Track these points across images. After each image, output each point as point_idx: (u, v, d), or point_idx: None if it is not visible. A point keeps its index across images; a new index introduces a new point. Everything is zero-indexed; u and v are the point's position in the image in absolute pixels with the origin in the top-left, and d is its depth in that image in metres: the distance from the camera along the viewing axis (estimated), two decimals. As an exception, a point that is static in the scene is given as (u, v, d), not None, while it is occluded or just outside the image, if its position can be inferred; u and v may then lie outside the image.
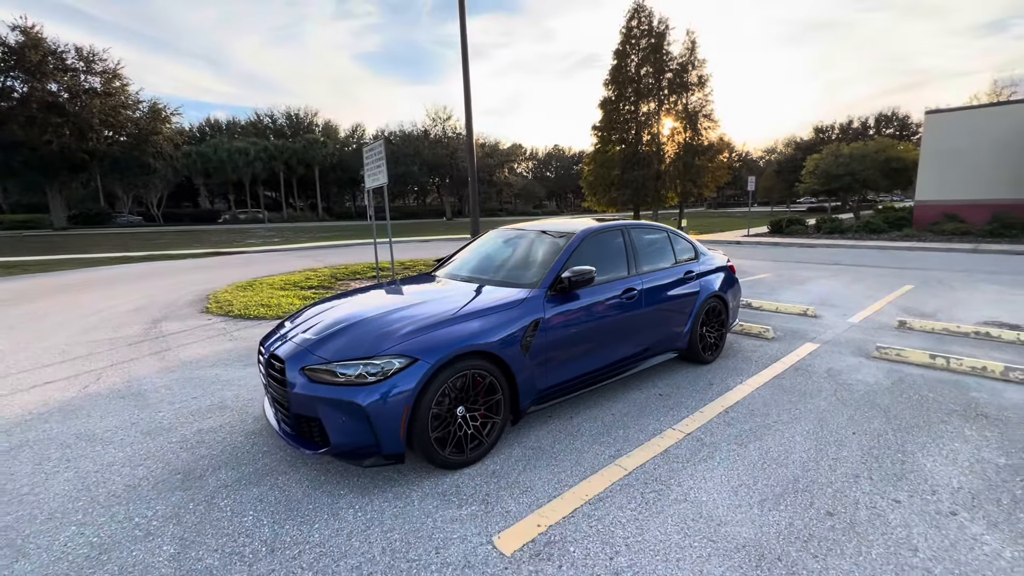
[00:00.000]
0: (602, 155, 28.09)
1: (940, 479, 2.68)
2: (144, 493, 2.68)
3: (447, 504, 2.52)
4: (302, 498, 2.60)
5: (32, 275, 12.70)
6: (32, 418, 3.70)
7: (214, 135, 58.92)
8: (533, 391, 3.19)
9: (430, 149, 53.22)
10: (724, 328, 4.85)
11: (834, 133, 58.71)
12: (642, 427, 3.37)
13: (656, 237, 4.51)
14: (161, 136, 35.56)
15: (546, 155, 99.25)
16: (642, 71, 26.87)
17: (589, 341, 3.54)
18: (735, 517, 2.37)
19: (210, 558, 2.15)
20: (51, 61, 30.42)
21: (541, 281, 3.41)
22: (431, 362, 2.64)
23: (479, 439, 2.91)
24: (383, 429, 2.53)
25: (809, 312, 6.75)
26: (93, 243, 24.28)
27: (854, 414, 3.53)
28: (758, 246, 18.50)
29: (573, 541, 2.22)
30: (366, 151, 10.66)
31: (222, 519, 2.43)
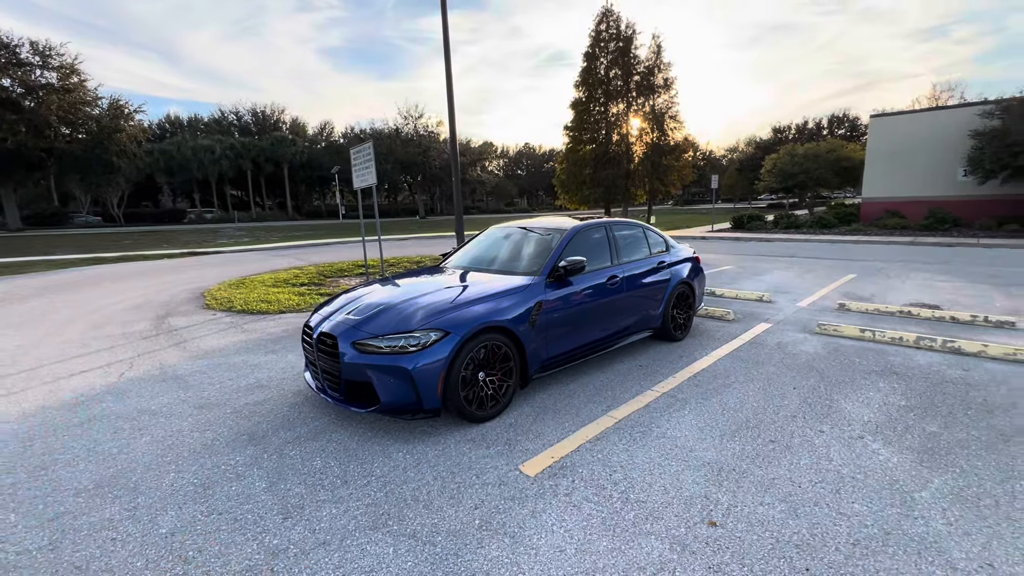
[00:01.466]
0: (574, 154, 28.97)
1: (855, 416, 3.48)
2: (220, 449, 3.20)
3: (477, 446, 3.15)
4: (356, 447, 3.18)
5: (8, 276, 12.55)
6: (86, 399, 4.13)
7: (175, 132, 57.17)
8: (538, 360, 3.85)
9: (402, 147, 53.17)
10: (691, 311, 5.63)
11: (791, 133, 61.69)
12: (626, 389, 4.08)
13: (633, 232, 5.23)
14: (124, 134, 34.51)
15: (517, 153, 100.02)
16: (611, 73, 27.85)
17: (581, 319, 4.22)
18: (702, 446, 3.09)
19: (298, 488, 2.72)
20: (3, 55, 29.15)
21: (541, 269, 4.07)
22: (460, 334, 3.26)
23: (497, 399, 3.56)
24: (424, 389, 3.14)
25: (765, 298, 7.64)
26: (55, 244, 23.57)
27: (796, 375, 4.34)
28: (722, 241, 19.70)
29: (581, 465, 2.89)
30: (354, 152, 11.09)
31: (295, 464, 2.99)
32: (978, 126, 17.74)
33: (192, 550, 2.24)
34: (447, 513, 2.47)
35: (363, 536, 2.32)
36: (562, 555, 2.17)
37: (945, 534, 2.26)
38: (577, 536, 2.29)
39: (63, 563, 2.18)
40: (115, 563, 2.18)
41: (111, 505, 2.61)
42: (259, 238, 27.10)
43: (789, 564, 2.09)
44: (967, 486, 2.63)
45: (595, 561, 2.13)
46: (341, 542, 2.28)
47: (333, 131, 70.03)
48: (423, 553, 2.20)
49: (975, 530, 2.28)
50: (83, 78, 32.68)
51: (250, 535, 2.34)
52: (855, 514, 2.41)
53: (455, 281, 4.08)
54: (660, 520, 2.39)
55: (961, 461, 2.88)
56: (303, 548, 2.24)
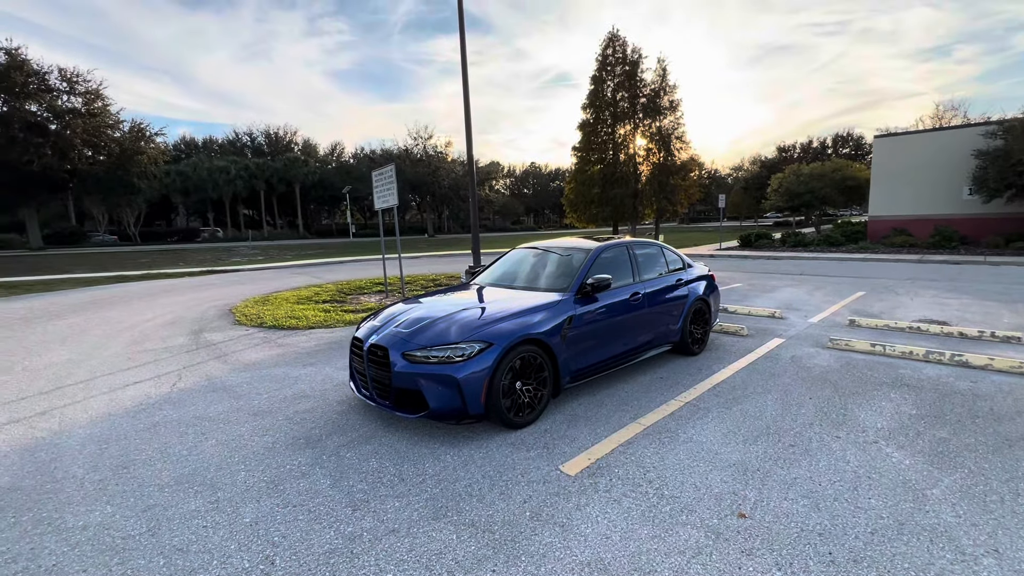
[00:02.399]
0: (582, 174, 29.54)
1: (869, 424, 3.72)
2: (281, 451, 3.49)
3: (518, 449, 3.42)
4: (407, 450, 3.46)
5: (38, 295, 13.02)
6: (146, 407, 4.44)
7: (191, 153, 58.66)
8: (569, 371, 4.13)
9: (411, 167, 54.19)
10: (708, 326, 5.90)
11: (795, 152, 62.30)
12: (651, 399, 4.34)
13: (652, 251, 5.54)
14: (145, 156, 35.60)
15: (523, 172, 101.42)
16: (618, 96, 28.57)
17: (607, 333, 4.51)
18: (727, 449, 3.34)
19: (361, 484, 3.00)
20: (33, 82, 30.40)
21: (571, 286, 4.38)
22: (502, 346, 3.56)
23: (533, 406, 3.83)
24: (470, 395, 3.43)
25: (776, 314, 7.89)
26: (76, 263, 24.21)
27: (811, 387, 4.58)
28: (730, 259, 19.97)
29: (617, 465, 3.15)
30: (376, 174, 11.56)
31: (353, 464, 3.27)
32: (981, 146, 18.06)
33: (277, 535, 2.52)
34: (499, 506, 2.74)
35: (427, 525, 2.58)
36: (608, 541, 2.43)
37: (954, 524, 2.50)
38: (620, 526, 2.54)
39: (165, 546, 2.46)
40: (211, 546, 2.45)
41: (195, 499, 2.89)
42: (273, 256, 27.69)
43: (814, 549, 2.33)
44: (975, 484, 2.86)
45: (639, 546, 2.38)
46: (408, 530, 2.55)
47: (343, 152, 71.63)
48: (484, 539, 2.46)
49: (982, 521, 2.52)
50: (107, 103, 33.92)
51: (325, 524, 2.61)
52: (871, 508, 2.65)
53: (491, 297, 4.40)
54: (694, 512, 2.64)
55: (969, 463, 3.11)
56: (375, 535, 2.51)
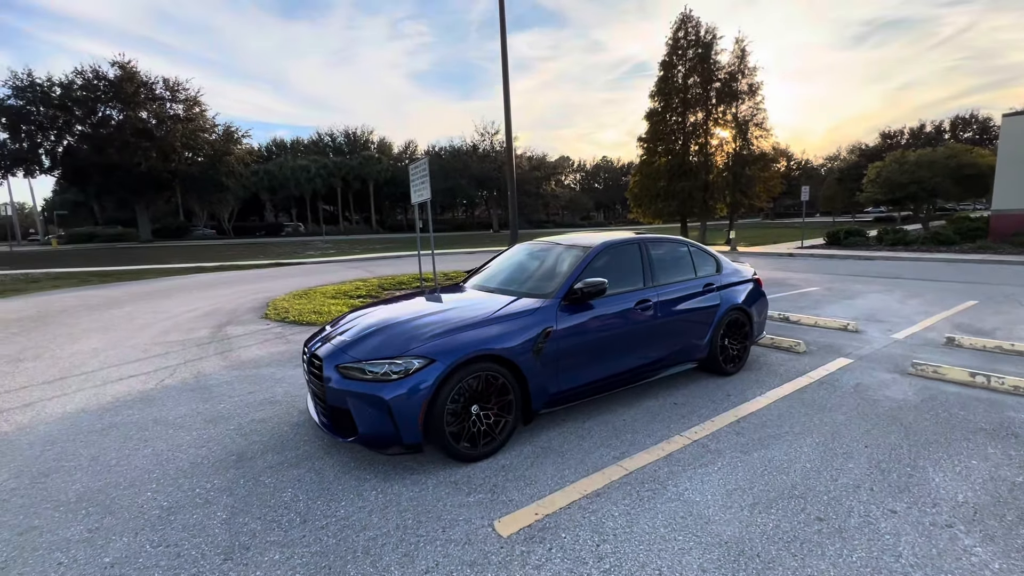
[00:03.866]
0: (648, 166, 27.88)
1: (944, 493, 2.67)
2: (205, 470, 3.13)
3: (457, 491, 2.80)
4: (333, 480, 2.96)
5: (125, 283, 14.26)
6: (119, 405, 4.33)
7: (280, 154, 63.26)
8: (545, 394, 3.43)
9: (478, 163, 54.61)
10: (748, 340, 4.88)
11: (903, 138, 55.07)
12: (651, 432, 3.52)
13: (674, 251, 4.64)
14: (233, 156, 38.78)
15: (594, 167, 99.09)
16: (689, 81, 26.55)
17: (603, 349, 3.73)
18: (723, 517, 2.50)
19: (254, 524, 2.54)
20: (143, 92, 34.09)
21: (555, 292, 3.66)
22: (447, 363, 2.94)
23: (492, 435, 3.18)
24: (403, 421, 2.86)
25: (850, 327, 6.55)
26: (172, 254, 26.71)
27: (871, 428, 3.51)
28: (812, 258, 17.75)
29: (566, 528, 2.43)
30: (412, 168, 11.31)
31: (266, 493, 2.82)
32: None
33: (121, 587, 2.11)
34: (392, 575, 2.14)
35: (293, 593, 2.05)
36: (504, 654, 1.75)
37: None
38: (531, 628, 1.85)
39: (3, 586, 2.14)
40: (46, 593, 2.09)
41: (78, 524, 2.58)
42: (342, 250, 28.90)
43: None
44: (1111, 623, 1.83)
45: (541, 670, 1.69)
46: (267, 598, 2.03)
47: (416, 149, 73.82)
48: (346, 626, 1.88)
49: None
50: (203, 108, 37.31)
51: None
52: (922, 647, 1.74)
53: (461, 302, 3.79)
54: (642, 619, 1.89)
55: (1104, 579, 2.04)
56: (226, 600, 2.02)
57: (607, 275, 4.01)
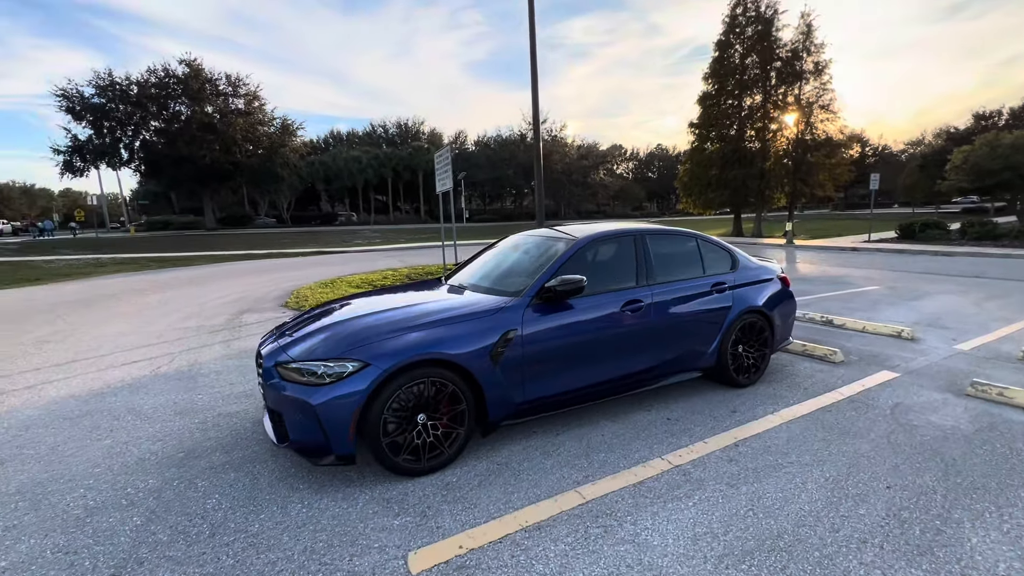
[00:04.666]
0: (699, 154, 26.39)
1: (981, 560, 2.09)
2: (148, 467, 3.03)
3: (387, 511, 2.51)
4: (266, 487, 2.76)
5: (178, 268, 15.12)
6: (107, 391, 4.39)
7: (336, 145, 65.48)
8: (508, 405, 3.07)
9: (525, 153, 53.99)
10: (767, 348, 4.27)
11: (1001, 119, 49.05)
12: (628, 452, 3.08)
13: (680, 245, 4.10)
14: (288, 148, 40.48)
15: (648, 155, 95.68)
16: (747, 61, 24.74)
17: (580, 355, 3.32)
18: (679, 570, 2.06)
19: (163, 533, 2.37)
20: (208, 88, 36.16)
21: (526, 290, 3.27)
22: (383, 368, 2.65)
23: (440, 449, 2.87)
24: (332, 430, 2.60)
25: (905, 334, 5.69)
26: (231, 242, 28.24)
27: (901, 463, 2.90)
28: (878, 254, 16.09)
29: (486, 570, 2.09)
30: (437, 157, 11.13)
31: (192, 499, 2.66)
32: None
33: (-2, 599, 1.99)
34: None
35: (159, 625, 1.84)
36: None
37: None
38: None
39: None
40: (-74, 598, 2.00)
41: (1, 519, 2.52)
42: (388, 239, 29.47)
43: None
44: None
45: None
46: (131, 628, 1.83)
47: (466, 140, 74.12)
48: (192, 675, 1.64)
49: None
50: (262, 102, 39.09)
51: (63, 591, 2.02)
52: None
53: (420, 299, 3.49)
54: None
55: None
56: (89, 626, 1.84)
57: (593, 272, 3.59)
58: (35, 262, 17.53)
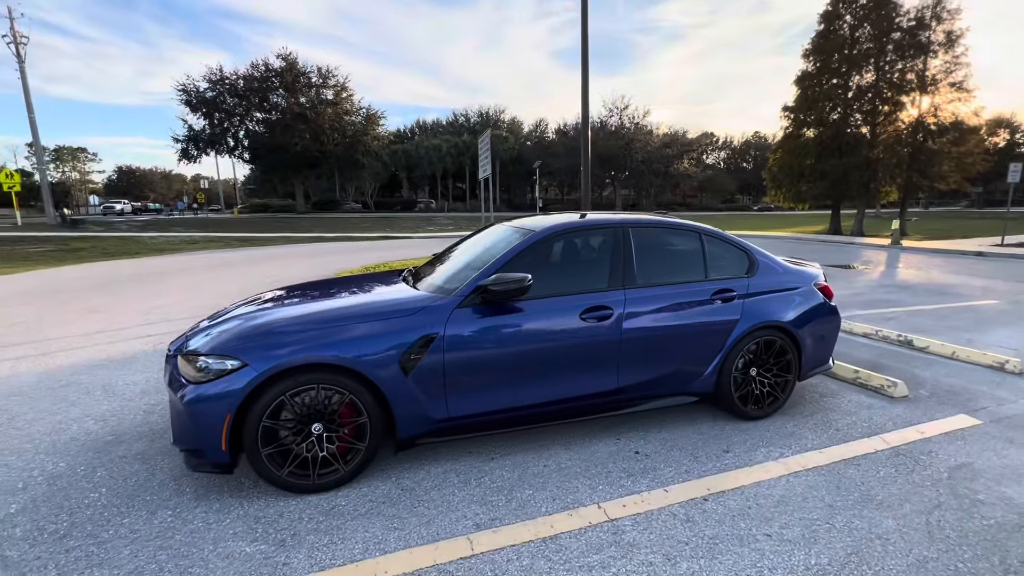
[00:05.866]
0: (792, 141, 23.63)
1: None
2: (71, 448, 2.99)
3: (246, 534, 2.20)
4: (154, 487, 2.58)
5: (255, 248, 16.28)
6: (100, 364, 4.56)
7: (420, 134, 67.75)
8: (424, 421, 2.63)
9: (603, 140, 52.11)
10: (789, 374, 3.42)
11: None
12: (562, 492, 2.52)
13: (676, 242, 3.37)
14: (369, 137, 42.42)
15: (743, 143, 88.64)
16: (857, 33, 21.59)
17: (523, 369, 2.79)
18: None
19: (22, 526, 2.24)
20: (301, 80, 38.79)
21: (459, 289, 2.79)
22: (260, 369, 2.33)
23: (335, 465, 2.51)
24: (204, 434, 2.33)
25: (1010, 366, 4.43)
26: (314, 224, 30.15)
27: (935, 559, 2.06)
28: (1009, 260, 13.34)
29: (296, 634, 1.69)
30: (480, 142, 10.77)
31: (79, 490, 2.54)
32: None
33: None
34: (43, 648, 1.64)
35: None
36: None
37: None
38: None
39: None
40: None
41: (-93, 489, 2.55)
42: (459, 226, 29.85)
43: None
44: None
45: None
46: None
47: (546, 128, 73.25)
48: None
49: None
50: (350, 93, 41.22)
51: None
52: None
53: (349, 294, 3.15)
54: None
55: None
56: None
57: (555, 271, 3.06)
58: (142, 238, 19.81)
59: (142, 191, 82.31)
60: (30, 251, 14.74)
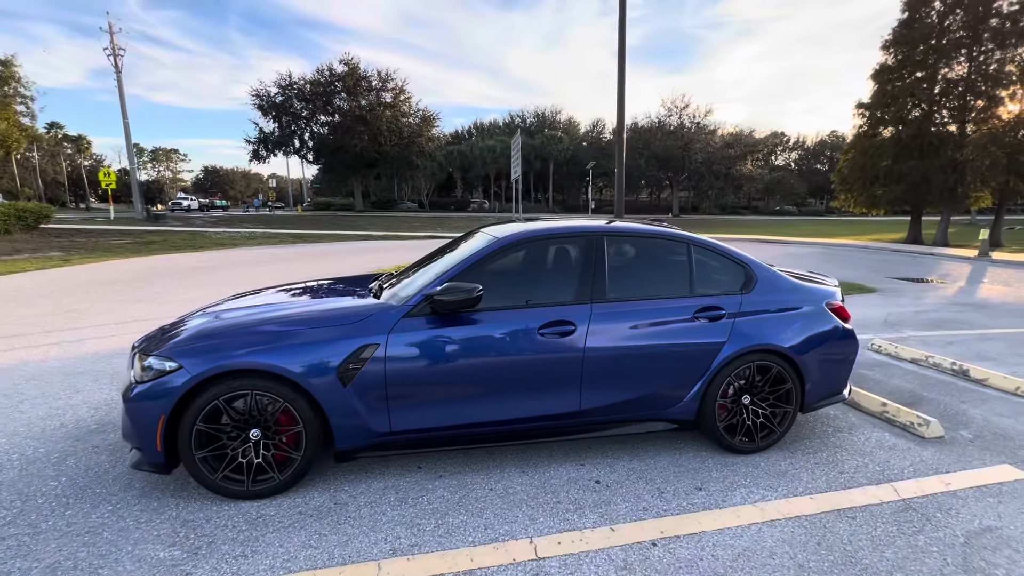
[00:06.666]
0: (866, 140, 21.72)
1: None
2: (57, 435, 3.16)
3: (168, 537, 2.20)
4: (107, 479, 2.66)
5: (306, 244, 17.08)
6: (120, 353, 4.85)
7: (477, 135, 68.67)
8: (364, 434, 2.55)
9: (661, 141, 50.38)
10: (789, 405, 3.03)
11: None
12: (496, 523, 2.34)
13: (660, 253, 3.08)
14: (424, 138, 43.49)
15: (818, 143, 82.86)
16: (947, 21, 19.47)
17: (475, 384, 2.64)
18: None
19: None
20: (362, 84, 40.43)
21: (410, 297, 2.68)
22: (193, 373, 2.33)
23: (270, 473, 2.48)
24: (141, 432, 2.37)
25: (1087, 408, 3.74)
26: (370, 222, 31.26)
27: (909, 648, 1.70)
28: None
29: (164, 654, 1.64)
30: (513, 143, 10.63)
31: (45, 479, 2.66)
32: None
33: None
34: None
35: None
36: None
37: None
38: None
39: None
40: None
41: (-95, 464, 2.78)
42: (501, 227, 29.92)
43: None
44: None
45: None
46: None
47: (604, 128, 71.94)
48: None
49: None
50: (408, 95, 42.45)
51: None
52: None
53: (304, 297, 3.15)
54: None
55: None
56: None
57: (516, 281, 2.91)
58: (209, 233, 21.32)
59: (224, 189, 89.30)
60: (112, 243, 16.25)
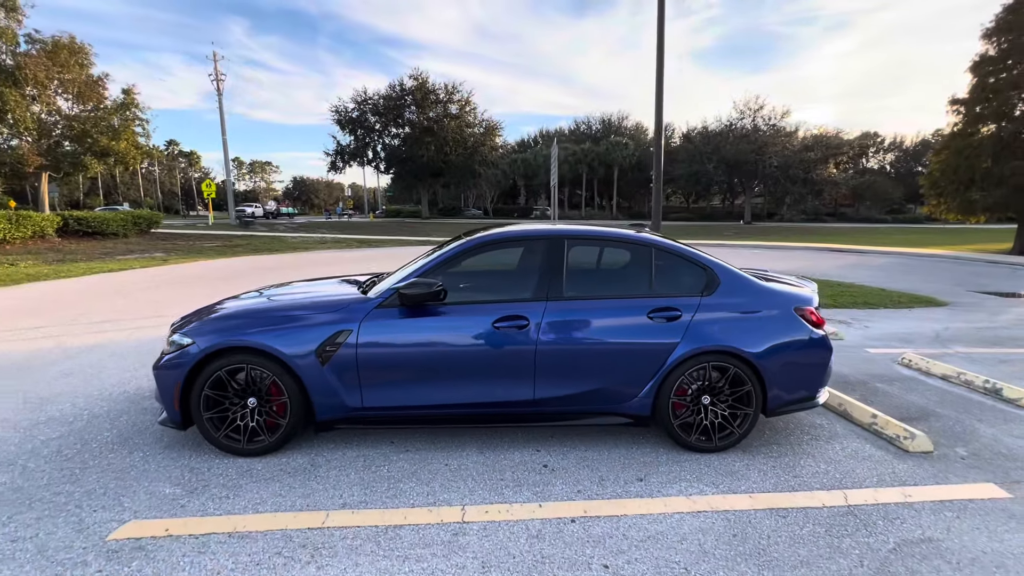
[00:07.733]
0: (962, 140, 19.54)
1: None
2: (120, 399, 3.88)
3: (175, 480, 2.72)
4: (148, 435, 3.26)
5: (365, 248, 18.32)
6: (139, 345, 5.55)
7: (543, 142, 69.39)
8: (340, 407, 2.96)
9: (733, 145, 48.08)
10: (748, 407, 3.07)
11: None
12: (438, 491, 2.65)
13: (620, 256, 3.24)
14: (487, 147, 44.81)
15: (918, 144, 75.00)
16: (1064, 4, 17.16)
17: (434, 371, 2.97)
18: (275, 636, 1.73)
19: (54, 446, 3.04)
20: (430, 97, 42.50)
21: (384, 291, 3.07)
22: (201, 347, 2.86)
23: (262, 435, 2.95)
24: (164, 394, 2.94)
25: None
26: (433, 229, 32.62)
27: (775, 629, 1.79)
28: None
29: (153, 559, 2.10)
30: (552, 151, 10.93)
31: (101, 430, 3.31)
32: None
33: (-69, 464, 2.86)
34: None
35: (-51, 513, 2.41)
36: None
37: None
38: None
39: (-81, 439, 3.16)
40: (-87, 451, 3.00)
41: None
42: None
43: None
44: None
45: None
46: (-62, 509, 2.44)
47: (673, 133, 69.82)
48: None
49: None
50: (473, 106, 44.05)
51: (-44, 471, 2.78)
52: None
53: (306, 289, 3.64)
54: None
55: None
56: (-72, 499, 2.52)
57: (481, 279, 3.23)
58: (287, 238, 23.41)
59: (309, 197, 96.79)
60: (204, 246, 18.40)
